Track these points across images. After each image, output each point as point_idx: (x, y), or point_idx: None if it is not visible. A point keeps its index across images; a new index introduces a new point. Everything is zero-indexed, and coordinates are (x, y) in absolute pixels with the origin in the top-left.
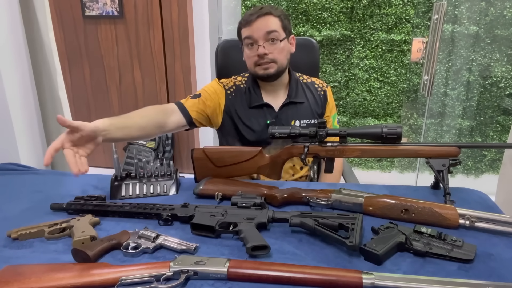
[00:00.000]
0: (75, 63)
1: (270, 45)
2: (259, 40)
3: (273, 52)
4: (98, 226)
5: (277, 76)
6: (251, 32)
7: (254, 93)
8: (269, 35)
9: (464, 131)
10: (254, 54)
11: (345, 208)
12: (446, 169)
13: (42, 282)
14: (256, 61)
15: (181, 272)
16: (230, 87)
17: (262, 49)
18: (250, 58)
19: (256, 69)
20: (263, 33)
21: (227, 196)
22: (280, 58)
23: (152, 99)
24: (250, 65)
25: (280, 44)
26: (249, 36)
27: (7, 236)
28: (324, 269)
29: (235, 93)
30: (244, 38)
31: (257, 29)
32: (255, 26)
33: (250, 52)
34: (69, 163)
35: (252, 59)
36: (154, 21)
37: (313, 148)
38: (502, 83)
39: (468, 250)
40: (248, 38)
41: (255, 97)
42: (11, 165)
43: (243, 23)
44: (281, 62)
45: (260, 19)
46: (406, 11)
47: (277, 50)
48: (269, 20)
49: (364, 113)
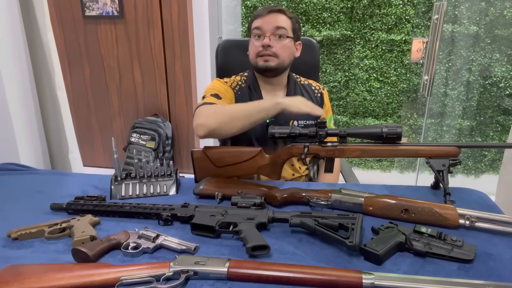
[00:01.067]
0: (75, 63)
1: (276, 40)
2: (267, 32)
3: (277, 46)
4: (98, 226)
5: (276, 71)
6: (261, 23)
7: (255, 91)
8: (277, 30)
9: (464, 131)
10: (259, 44)
11: (345, 208)
12: (446, 169)
13: (42, 282)
14: (259, 51)
15: (181, 272)
16: (234, 86)
17: (268, 40)
18: (254, 47)
19: (257, 59)
20: (272, 27)
21: (227, 196)
22: (283, 54)
23: (152, 99)
24: (252, 56)
25: (286, 40)
26: (258, 27)
27: (7, 236)
28: (324, 269)
29: (240, 92)
30: (253, 28)
31: (267, 22)
32: (266, 18)
33: (256, 42)
34: None
35: (255, 49)
36: (154, 21)
37: (313, 148)
38: (502, 83)
39: (468, 250)
40: (257, 28)
41: (256, 96)
42: (11, 165)
43: (256, 15)
44: (283, 58)
45: (273, 14)
46: (406, 11)
47: (281, 45)
48: (281, 17)
49: (364, 113)
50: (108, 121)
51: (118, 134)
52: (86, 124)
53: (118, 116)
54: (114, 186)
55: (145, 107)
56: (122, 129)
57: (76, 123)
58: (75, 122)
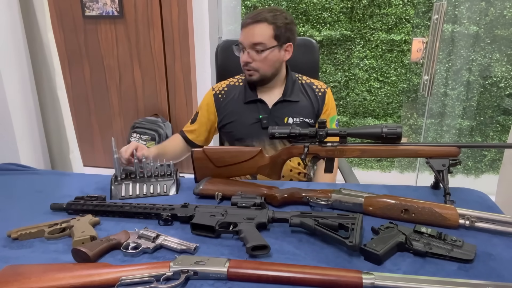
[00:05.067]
0: (75, 63)
1: (256, 54)
2: (246, 47)
3: (256, 61)
4: (98, 226)
5: (261, 82)
6: (241, 38)
7: (249, 89)
8: (254, 46)
9: (464, 131)
10: (241, 58)
11: (345, 208)
12: (446, 169)
13: (42, 282)
14: (243, 65)
15: (181, 272)
16: (221, 89)
17: (246, 57)
18: (240, 59)
19: (244, 71)
20: (249, 42)
21: (227, 196)
22: (263, 67)
23: (152, 99)
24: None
25: (264, 54)
26: (240, 41)
27: (7, 236)
28: (324, 269)
29: (226, 94)
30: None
31: (245, 37)
32: (245, 32)
33: (240, 54)
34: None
35: (241, 61)
36: (154, 21)
37: (313, 148)
38: (502, 83)
39: (468, 250)
40: (239, 42)
41: (250, 93)
42: (11, 165)
43: (242, 24)
44: (264, 70)
45: (251, 27)
46: (406, 11)
47: (261, 59)
48: (258, 29)
49: (364, 113)
50: (108, 121)
51: (118, 134)
52: (86, 124)
53: (118, 116)
54: (114, 186)
55: (145, 107)
56: (122, 129)
57: (76, 123)
58: (75, 122)
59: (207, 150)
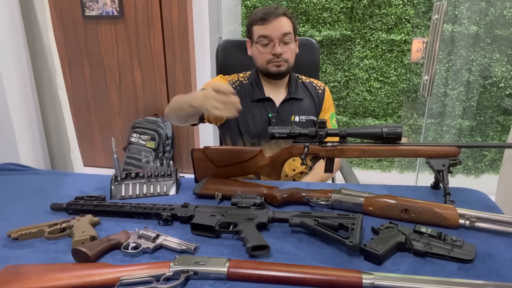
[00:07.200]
0: (75, 63)
1: (284, 45)
2: (275, 40)
3: (286, 52)
4: (98, 226)
5: (286, 74)
6: (268, 31)
7: (257, 87)
8: (284, 36)
9: (464, 131)
10: (268, 52)
11: (345, 208)
12: (446, 169)
13: (42, 282)
14: (270, 59)
15: (181, 272)
16: (234, 81)
17: (279, 49)
18: (263, 55)
19: (268, 66)
20: (279, 34)
21: (227, 196)
22: (291, 58)
23: (152, 99)
24: (261, 62)
25: (292, 44)
26: (266, 35)
27: (7, 236)
28: (324, 269)
29: (239, 87)
30: (258, 36)
31: (274, 29)
32: (273, 25)
33: (264, 49)
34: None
35: (265, 56)
36: (154, 21)
37: (313, 148)
38: (502, 83)
39: (468, 250)
40: (264, 37)
41: (258, 92)
42: (11, 165)
43: (258, 20)
44: (291, 61)
45: (277, 20)
46: (406, 11)
47: (289, 50)
48: (284, 20)
49: (364, 113)
50: (108, 121)
51: (118, 134)
52: (86, 124)
53: (118, 116)
54: (114, 186)
55: (145, 107)
56: (122, 129)
57: (76, 123)
58: (75, 122)
59: (207, 150)
